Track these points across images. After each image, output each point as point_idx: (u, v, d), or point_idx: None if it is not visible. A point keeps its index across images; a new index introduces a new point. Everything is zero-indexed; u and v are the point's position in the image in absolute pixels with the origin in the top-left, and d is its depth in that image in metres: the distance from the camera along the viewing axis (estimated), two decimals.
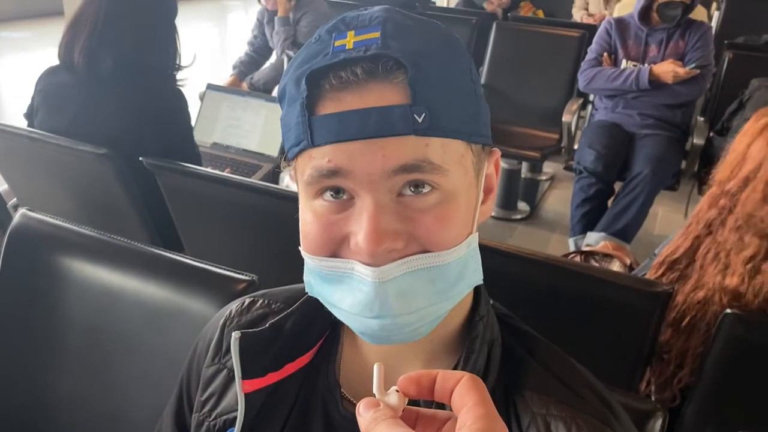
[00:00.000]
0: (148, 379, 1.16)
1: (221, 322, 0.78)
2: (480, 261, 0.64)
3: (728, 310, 1.23)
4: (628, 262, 1.77)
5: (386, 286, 0.56)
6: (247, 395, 0.68)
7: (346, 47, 0.57)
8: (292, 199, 1.65)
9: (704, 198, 1.43)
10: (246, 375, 0.67)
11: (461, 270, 0.60)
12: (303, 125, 0.57)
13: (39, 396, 1.24)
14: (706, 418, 1.34)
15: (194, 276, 1.15)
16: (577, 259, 1.82)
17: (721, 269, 1.32)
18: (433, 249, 0.58)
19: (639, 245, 2.98)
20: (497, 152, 0.67)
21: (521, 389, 0.65)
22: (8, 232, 1.28)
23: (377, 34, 0.57)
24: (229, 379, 0.74)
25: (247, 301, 0.78)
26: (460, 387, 0.46)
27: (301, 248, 0.62)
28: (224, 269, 1.14)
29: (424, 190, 0.57)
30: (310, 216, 0.60)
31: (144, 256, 1.20)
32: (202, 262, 1.16)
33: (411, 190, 0.57)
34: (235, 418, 0.70)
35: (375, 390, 0.48)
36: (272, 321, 0.70)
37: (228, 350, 0.74)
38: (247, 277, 1.11)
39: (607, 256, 1.80)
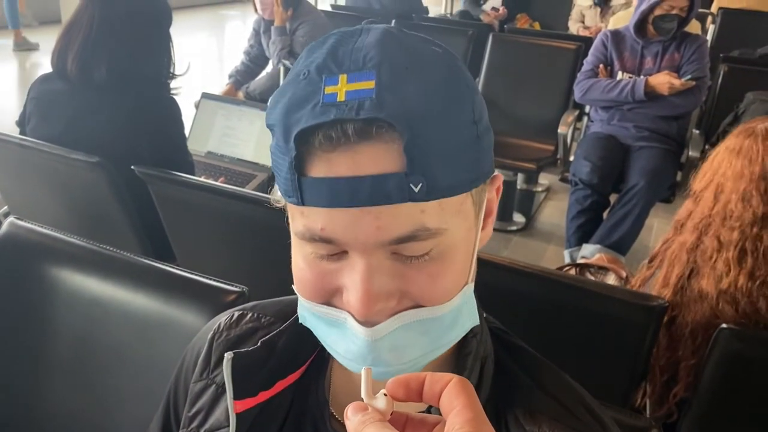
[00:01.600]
0: (137, 391, 1.14)
1: (209, 336, 0.76)
2: (475, 305, 0.63)
3: (723, 326, 1.22)
4: (623, 274, 1.76)
5: (379, 343, 0.56)
6: (238, 415, 0.66)
7: (338, 98, 0.52)
8: (284, 210, 1.63)
9: (684, 204, 1.49)
10: (237, 395, 0.66)
11: (455, 318, 0.60)
12: (292, 183, 0.54)
13: (27, 407, 1.22)
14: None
15: (184, 287, 1.14)
16: (572, 271, 1.81)
17: (691, 271, 1.37)
18: (425, 304, 0.57)
19: (634, 257, 2.98)
20: (499, 177, 0.64)
21: (513, 407, 0.64)
22: None
23: (372, 84, 0.52)
24: (218, 395, 0.72)
25: (236, 314, 0.77)
26: (448, 390, 0.46)
27: (294, 286, 0.61)
28: (214, 280, 1.13)
29: (421, 254, 0.55)
30: (302, 262, 0.59)
31: (134, 267, 1.19)
32: (192, 273, 1.15)
33: (406, 253, 0.55)
34: None
35: (363, 394, 0.48)
36: (264, 339, 0.69)
37: (216, 365, 0.73)
38: (237, 289, 1.10)
39: (602, 269, 1.79)
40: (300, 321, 0.64)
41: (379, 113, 0.51)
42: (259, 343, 0.68)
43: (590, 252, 2.80)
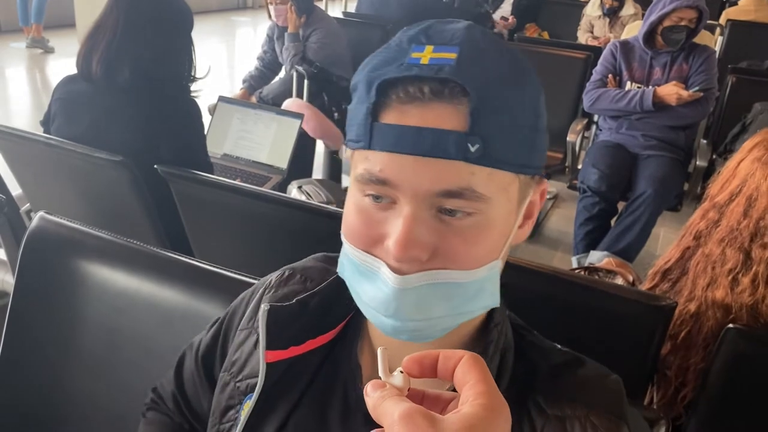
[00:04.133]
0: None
1: (262, 288, 0.83)
2: (498, 286, 0.66)
3: (730, 326, 1.25)
4: (630, 278, 1.79)
5: (405, 293, 0.60)
6: (268, 364, 0.72)
7: (421, 61, 0.59)
8: (300, 208, 1.68)
9: (697, 210, 1.47)
10: (270, 346, 0.71)
11: (478, 291, 0.63)
12: (365, 128, 0.60)
13: (54, 396, 1.26)
14: (709, 431, 1.35)
15: (206, 279, 1.18)
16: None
17: (709, 282, 1.35)
18: (453, 267, 0.60)
19: (641, 265, 3.00)
20: (545, 182, 0.69)
21: (534, 393, 0.66)
22: (26, 234, 1.30)
23: (453, 55, 0.59)
24: (256, 344, 0.78)
25: (287, 272, 0.83)
26: (461, 365, 0.48)
27: (342, 231, 0.66)
28: (236, 273, 1.16)
29: (461, 214, 0.60)
30: (354, 208, 0.64)
31: (159, 260, 1.22)
32: (215, 266, 1.18)
33: (449, 212, 0.60)
34: (255, 385, 0.73)
35: (380, 372, 0.50)
36: (299, 298, 0.74)
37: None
38: (257, 281, 1.13)
39: (611, 273, 1.82)
40: (338, 271, 0.68)
41: (455, 76, 0.57)
42: (294, 301, 0.74)
43: (597, 258, 2.83)
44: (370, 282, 0.62)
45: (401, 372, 0.50)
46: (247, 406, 0.74)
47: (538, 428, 0.64)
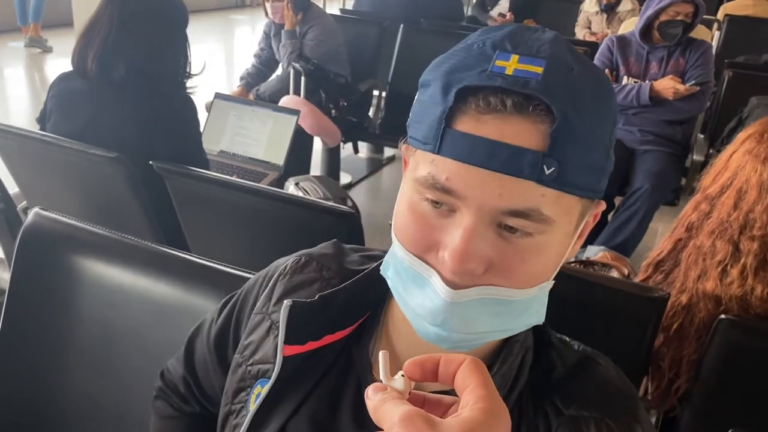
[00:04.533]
0: (156, 373, 1.18)
1: (276, 275, 0.81)
2: (545, 304, 0.65)
3: (722, 317, 1.25)
4: (626, 272, 1.80)
5: (455, 307, 0.58)
6: (285, 358, 0.71)
7: (506, 71, 0.56)
8: (297, 204, 1.68)
9: (690, 202, 1.47)
10: (288, 341, 0.71)
11: (526, 308, 0.62)
12: (436, 131, 0.57)
13: (51, 391, 1.26)
14: (701, 422, 1.36)
15: (202, 274, 1.18)
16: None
17: (700, 274, 1.36)
18: (506, 285, 0.59)
19: (638, 260, 2.99)
20: (602, 204, 0.65)
21: (550, 393, 0.67)
22: (21, 230, 1.30)
23: (540, 69, 0.56)
24: (269, 331, 0.77)
25: (303, 259, 0.81)
26: (462, 370, 0.48)
27: (393, 232, 0.64)
28: (231, 267, 1.16)
29: (522, 233, 0.58)
30: (410, 211, 0.61)
31: (154, 255, 1.22)
32: (210, 261, 1.19)
33: (510, 229, 0.58)
34: (269, 369, 0.74)
35: (381, 376, 0.50)
36: (323, 294, 0.73)
37: (276, 303, 0.78)
38: (253, 275, 1.14)
39: (606, 266, 1.82)
40: (381, 270, 0.67)
41: (541, 93, 0.55)
42: (317, 297, 0.72)
43: (594, 253, 2.83)
44: (419, 288, 0.61)
45: (402, 376, 0.50)
46: (258, 390, 0.74)
47: (554, 428, 0.65)
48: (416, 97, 0.63)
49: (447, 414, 0.50)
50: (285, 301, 0.71)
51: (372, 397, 0.49)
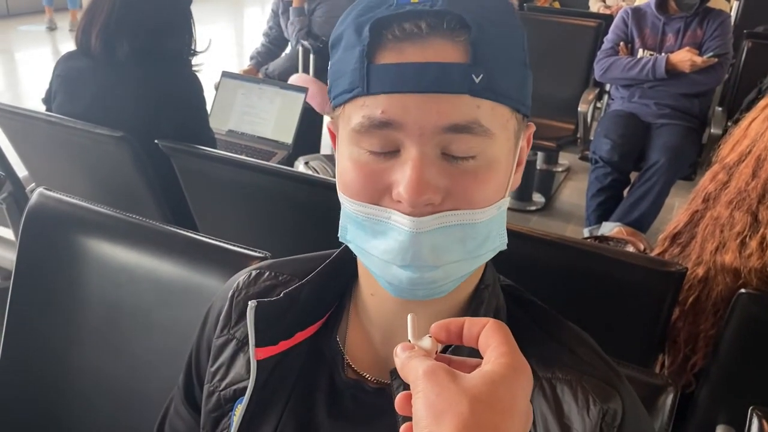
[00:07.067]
0: (163, 354, 1.17)
1: (230, 294, 0.79)
2: (505, 226, 0.65)
3: (742, 291, 1.22)
4: (641, 247, 1.76)
5: (421, 237, 0.58)
6: (259, 362, 0.69)
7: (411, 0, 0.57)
8: (306, 182, 1.66)
9: (707, 172, 1.43)
10: (259, 343, 0.69)
11: (488, 231, 0.62)
12: (360, 72, 0.57)
13: (58, 370, 1.26)
14: (720, 399, 1.33)
15: (208, 253, 1.16)
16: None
17: (717, 246, 1.32)
18: (465, 208, 0.59)
19: (655, 236, 2.96)
20: (532, 126, 0.68)
21: (526, 356, 0.65)
22: (26, 211, 1.30)
23: None
24: (238, 350, 0.75)
25: (254, 273, 0.79)
26: (485, 331, 0.51)
27: (339, 192, 0.64)
28: (237, 246, 1.15)
29: (469, 157, 0.58)
30: (351, 164, 0.61)
31: (159, 234, 1.21)
32: (215, 240, 1.17)
33: (456, 158, 0.58)
34: (244, 388, 0.71)
35: (410, 336, 0.53)
36: (286, 291, 0.71)
37: (237, 321, 0.76)
38: (259, 254, 1.12)
39: (621, 242, 1.79)
40: (340, 236, 0.66)
41: (451, 7, 0.56)
42: (282, 294, 0.70)
43: (609, 229, 2.79)
44: (382, 235, 0.60)
45: (429, 337, 0.53)
46: (239, 410, 0.72)
47: None
48: (331, 59, 0.63)
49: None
50: (250, 302, 0.68)
51: (400, 354, 0.51)
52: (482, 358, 0.50)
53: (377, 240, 0.61)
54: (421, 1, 0.57)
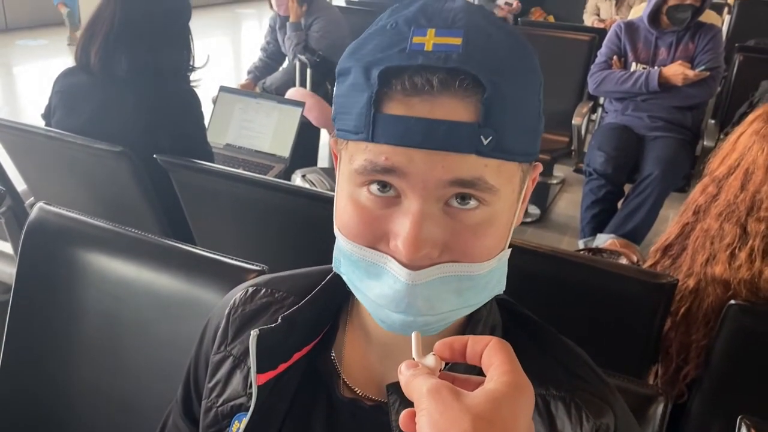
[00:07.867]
0: (161, 367, 1.18)
1: (226, 311, 0.79)
2: (505, 273, 0.64)
3: (732, 302, 1.24)
4: (634, 259, 1.78)
5: (417, 289, 0.57)
6: (259, 387, 0.69)
7: (425, 48, 0.55)
8: (303, 196, 1.67)
9: (698, 185, 1.45)
10: (260, 370, 0.69)
11: (487, 282, 0.61)
12: (366, 118, 0.56)
13: (56, 384, 1.27)
14: (712, 409, 1.34)
15: (206, 266, 1.17)
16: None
17: (707, 257, 1.34)
18: (465, 261, 0.58)
19: (649, 248, 2.98)
20: (539, 167, 0.66)
21: None
22: (26, 225, 1.31)
23: (459, 41, 0.55)
24: (234, 366, 0.76)
25: (251, 290, 0.79)
26: (488, 349, 0.50)
27: (336, 227, 0.63)
28: (235, 259, 1.16)
29: (472, 204, 0.57)
30: (352, 205, 0.60)
31: (158, 248, 1.22)
32: (213, 253, 1.18)
33: (458, 202, 0.57)
34: (241, 405, 0.72)
35: (414, 354, 0.54)
36: (284, 315, 0.71)
37: (234, 338, 0.76)
38: (257, 267, 1.13)
39: (614, 254, 1.81)
40: (334, 267, 0.65)
41: (465, 65, 0.54)
42: (279, 320, 0.70)
43: (604, 241, 2.81)
44: (376, 278, 0.60)
45: (433, 355, 0.53)
46: (236, 426, 0.72)
47: None
48: (336, 88, 0.61)
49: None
50: (252, 332, 0.68)
51: (404, 372, 0.51)
52: (485, 375, 0.50)
53: (372, 281, 0.60)
54: (434, 50, 0.54)
